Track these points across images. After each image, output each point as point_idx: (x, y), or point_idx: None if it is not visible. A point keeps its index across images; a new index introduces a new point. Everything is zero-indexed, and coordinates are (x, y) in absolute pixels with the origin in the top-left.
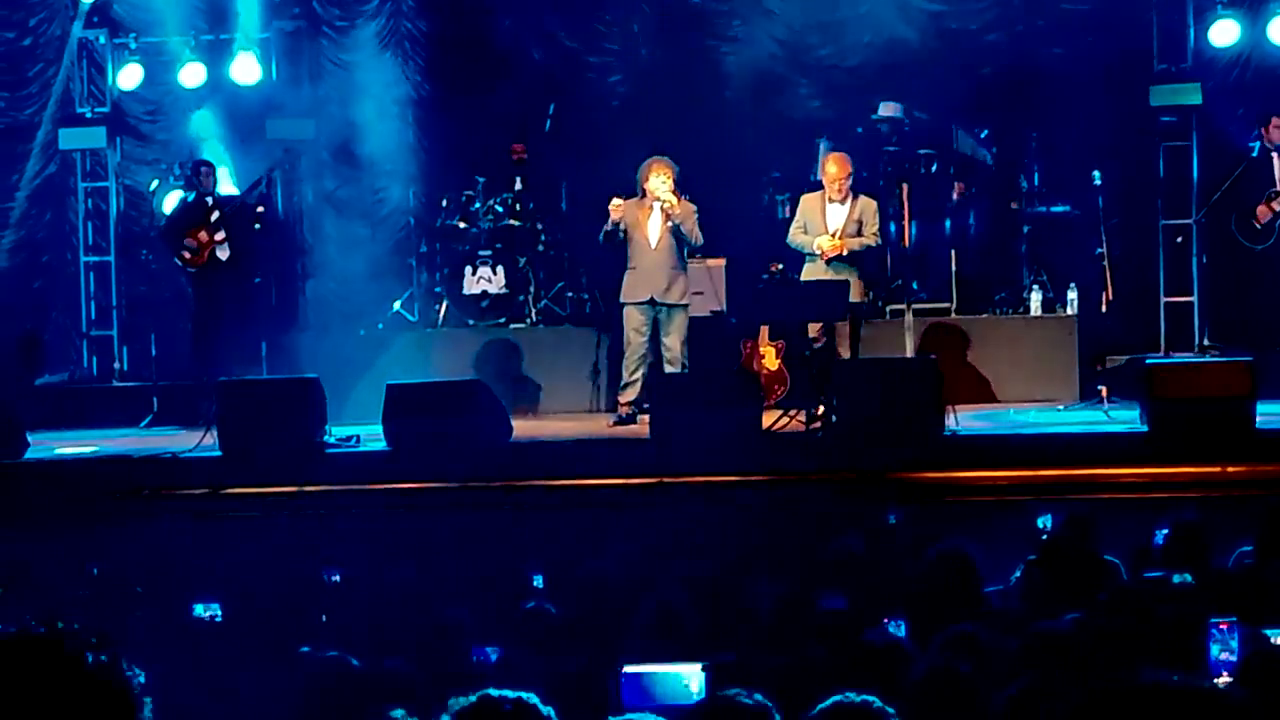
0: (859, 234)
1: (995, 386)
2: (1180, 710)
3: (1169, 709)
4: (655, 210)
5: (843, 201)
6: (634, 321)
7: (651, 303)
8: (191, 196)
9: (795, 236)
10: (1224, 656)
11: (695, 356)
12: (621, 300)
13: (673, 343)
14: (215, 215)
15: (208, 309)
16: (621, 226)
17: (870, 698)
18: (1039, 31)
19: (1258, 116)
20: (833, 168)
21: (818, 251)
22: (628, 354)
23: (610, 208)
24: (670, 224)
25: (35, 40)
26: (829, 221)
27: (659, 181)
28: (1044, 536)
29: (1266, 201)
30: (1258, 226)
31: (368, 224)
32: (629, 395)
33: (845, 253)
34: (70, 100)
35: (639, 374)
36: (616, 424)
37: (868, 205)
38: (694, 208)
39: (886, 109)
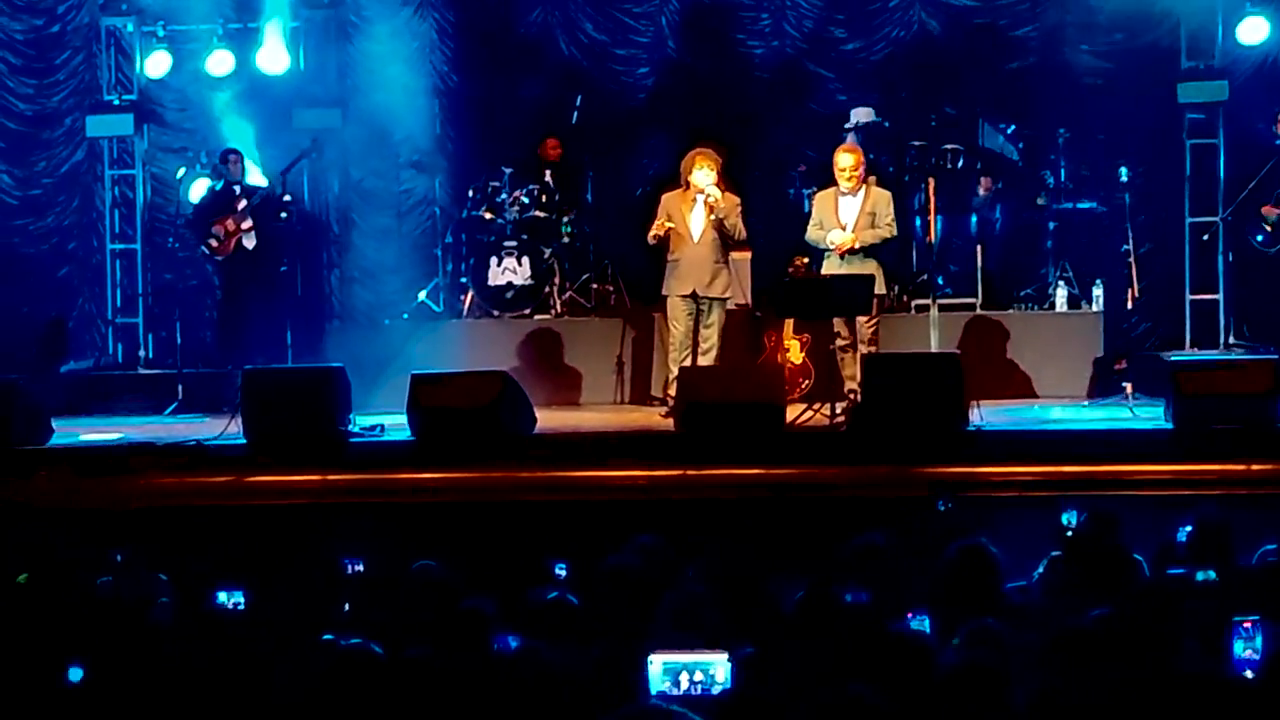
0: (873, 226)
1: (1019, 382)
2: (1207, 702)
3: (1196, 700)
4: (699, 203)
5: (855, 194)
6: (678, 314)
7: (694, 296)
8: (219, 185)
9: (811, 233)
10: (1248, 655)
11: (720, 349)
12: (664, 293)
13: (711, 334)
14: (242, 204)
15: (233, 297)
16: (666, 221)
17: (864, 691)
18: (1067, 27)
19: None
20: (844, 159)
21: (832, 247)
22: (674, 347)
23: (656, 225)
24: (714, 217)
25: (63, 28)
26: (842, 215)
27: (703, 174)
28: (1069, 533)
29: (1277, 201)
30: (1267, 228)
31: (394, 214)
32: (675, 389)
33: (858, 246)
34: (97, 87)
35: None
36: (669, 415)
37: (880, 196)
38: (738, 200)
39: (859, 114)
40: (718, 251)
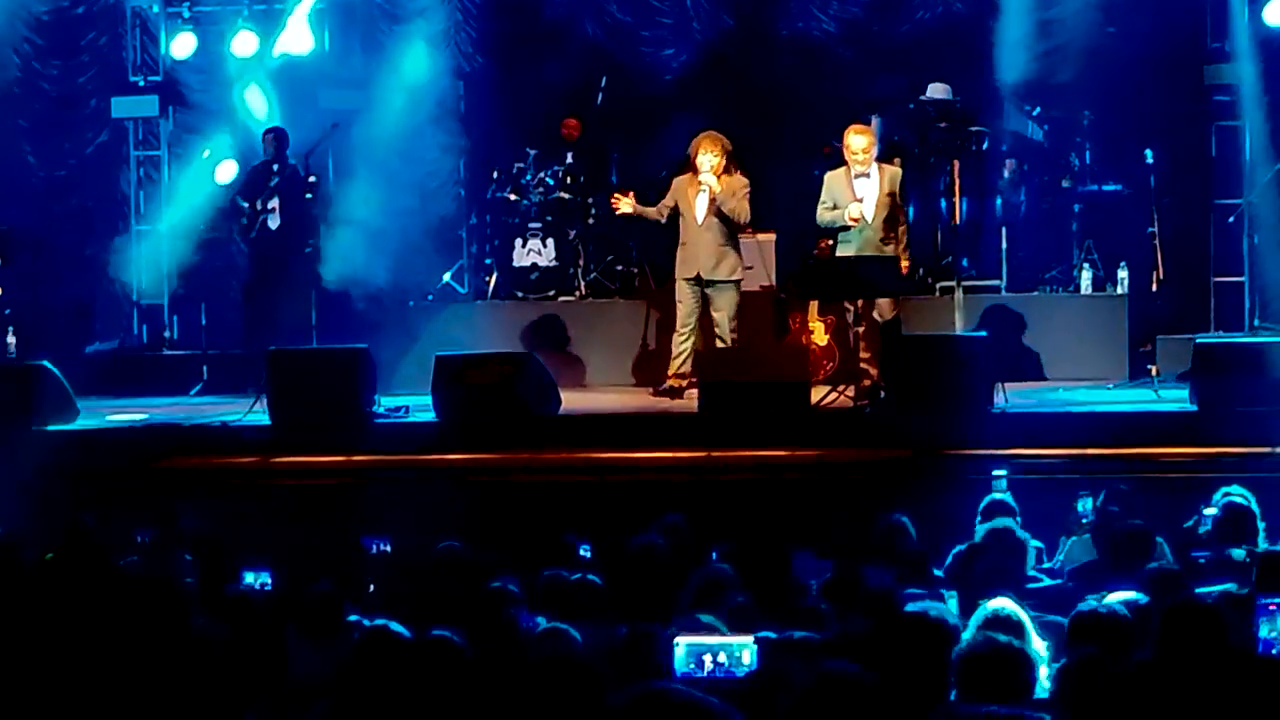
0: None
1: (1045, 364)
2: (1238, 679)
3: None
4: (704, 187)
5: (868, 175)
6: (683, 297)
7: (698, 279)
8: (258, 163)
9: (823, 215)
10: (1274, 636)
11: (744, 331)
12: (675, 275)
13: (721, 319)
14: (273, 182)
15: (258, 278)
16: (672, 204)
17: (854, 668)
18: (1093, 9)
19: None
20: (857, 140)
21: (850, 222)
22: (677, 329)
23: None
24: (715, 202)
25: (89, 9)
26: (859, 195)
27: (705, 159)
28: (1084, 520)
29: None
30: None
31: (418, 195)
32: (673, 369)
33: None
34: (123, 68)
35: (684, 349)
36: (656, 394)
37: (896, 174)
38: (745, 183)
39: (936, 90)
40: (723, 235)
